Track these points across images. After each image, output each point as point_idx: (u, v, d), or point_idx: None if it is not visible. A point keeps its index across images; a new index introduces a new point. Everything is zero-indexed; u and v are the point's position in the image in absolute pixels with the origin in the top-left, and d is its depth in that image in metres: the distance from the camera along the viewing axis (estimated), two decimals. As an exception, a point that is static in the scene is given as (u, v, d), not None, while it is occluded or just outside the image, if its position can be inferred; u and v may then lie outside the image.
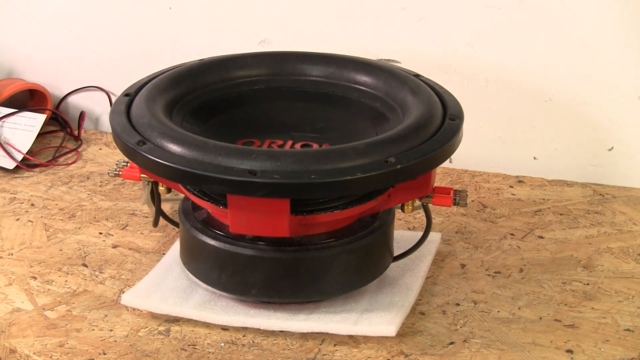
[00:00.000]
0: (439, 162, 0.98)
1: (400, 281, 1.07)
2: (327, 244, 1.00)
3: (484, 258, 1.15)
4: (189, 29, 1.46)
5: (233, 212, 0.94)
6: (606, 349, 0.98)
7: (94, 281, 1.10)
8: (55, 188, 1.32)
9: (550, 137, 1.37)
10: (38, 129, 1.43)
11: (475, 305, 1.06)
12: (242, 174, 0.91)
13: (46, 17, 1.52)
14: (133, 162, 1.00)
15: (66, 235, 1.20)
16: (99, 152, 1.44)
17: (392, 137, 0.96)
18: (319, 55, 1.15)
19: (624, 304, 1.06)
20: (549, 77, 1.34)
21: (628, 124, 1.33)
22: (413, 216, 1.23)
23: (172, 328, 1.02)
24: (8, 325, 1.02)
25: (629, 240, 1.19)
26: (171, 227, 1.20)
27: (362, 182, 0.92)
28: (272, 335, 1.00)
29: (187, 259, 1.06)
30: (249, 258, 0.99)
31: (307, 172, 0.91)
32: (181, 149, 0.94)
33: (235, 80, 1.13)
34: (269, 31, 1.42)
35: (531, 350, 0.98)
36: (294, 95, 1.13)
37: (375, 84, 1.10)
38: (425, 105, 1.03)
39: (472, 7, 1.33)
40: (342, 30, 1.40)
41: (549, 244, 1.18)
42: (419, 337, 1.00)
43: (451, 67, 1.36)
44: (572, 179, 1.35)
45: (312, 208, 0.98)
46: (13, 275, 1.11)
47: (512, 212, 1.26)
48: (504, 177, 1.36)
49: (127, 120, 1.01)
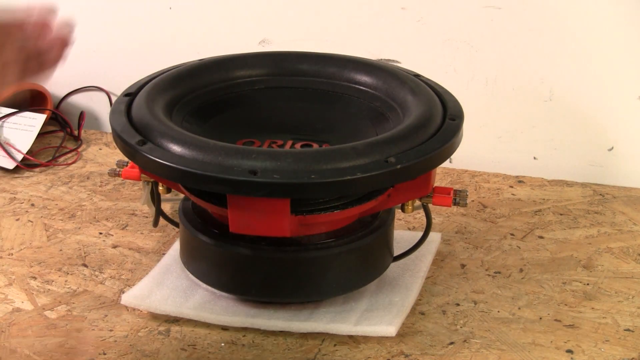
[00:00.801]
0: (439, 162, 0.98)
1: (400, 281, 1.07)
2: (327, 244, 1.00)
3: (484, 258, 1.15)
4: (189, 29, 1.46)
5: (233, 212, 0.94)
6: (606, 349, 0.98)
7: (94, 281, 1.10)
8: (55, 188, 1.32)
9: (550, 137, 1.37)
10: (38, 129, 1.43)
11: (475, 305, 1.06)
12: (242, 174, 0.91)
13: (46, 17, 1.51)
14: (133, 162, 1.00)
15: (66, 235, 1.20)
16: (99, 152, 1.44)
17: (392, 137, 0.96)
18: (319, 55, 1.15)
19: (624, 304, 1.06)
20: (549, 77, 1.34)
21: (628, 124, 1.33)
22: (413, 216, 1.23)
23: (172, 328, 1.02)
24: (8, 325, 1.02)
25: (629, 240, 1.19)
26: (171, 227, 1.19)
27: (362, 182, 0.92)
28: (272, 335, 1.00)
29: (187, 259, 1.06)
30: (249, 258, 0.99)
31: (307, 172, 0.91)
32: (181, 149, 0.94)
33: (235, 80, 1.13)
34: (269, 31, 1.43)
35: (531, 350, 0.98)
36: (294, 95, 1.13)
37: (375, 84, 1.10)
38: (425, 105, 1.03)
39: (472, 7, 1.33)
40: (342, 30, 1.40)
41: (549, 244, 1.18)
42: (419, 337, 1.00)
43: (451, 67, 1.36)
44: (572, 179, 1.35)
45: (312, 208, 0.98)
46: (13, 275, 1.11)
47: (512, 212, 1.26)
48: (504, 177, 1.36)
49: (127, 120, 1.01)
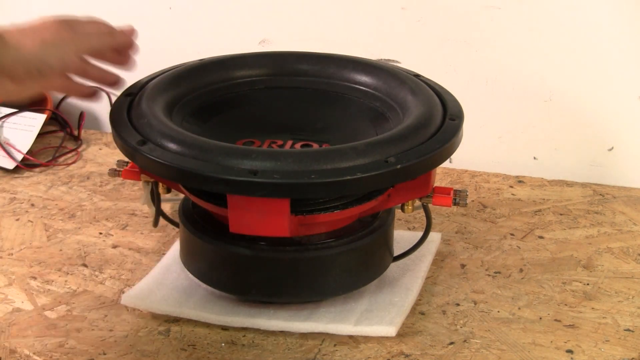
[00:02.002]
0: (439, 162, 0.98)
1: (400, 281, 1.07)
2: (327, 244, 1.00)
3: (484, 258, 1.15)
4: (189, 29, 1.46)
5: (233, 212, 0.94)
6: (606, 349, 0.98)
7: (94, 281, 1.10)
8: (55, 188, 1.32)
9: (550, 137, 1.37)
10: (38, 129, 1.43)
11: (475, 305, 1.06)
12: (242, 174, 0.91)
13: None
14: (133, 162, 1.00)
15: (66, 235, 1.20)
16: (99, 152, 1.44)
17: (392, 137, 0.96)
18: (319, 55, 1.15)
19: (624, 304, 1.06)
20: (549, 77, 1.34)
21: (628, 124, 1.33)
22: (413, 216, 1.23)
23: (172, 328, 1.02)
24: (8, 325, 1.02)
25: (629, 240, 1.19)
26: (171, 227, 1.19)
27: (362, 182, 0.92)
28: (272, 335, 1.00)
29: (187, 259, 1.06)
30: (249, 258, 0.99)
31: (307, 172, 0.91)
32: (181, 149, 0.94)
33: (235, 80, 1.13)
34: (269, 31, 1.43)
35: (531, 350, 0.98)
36: (294, 95, 1.13)
37: (375, 84, 1.10)
38: (425, 105, 1.03)
39: (472, 7, 1.33)
40: (342, 30, 1.40)
41: (549, 244, 1.18)
42: (419, 337, 1.00)
43: (451, 67, 1.36)
44: (572, 179, 1.35)
45: (312, 208, 0.98)
46: (13, 275, 1.11)
47: (512, 212, 1.26)
48: (504, 177, 1.36)
49: (127, 120, 1.01)
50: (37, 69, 0.96)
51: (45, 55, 0.96)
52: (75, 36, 0.98)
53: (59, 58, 0.97)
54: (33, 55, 0.95)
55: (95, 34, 1.00)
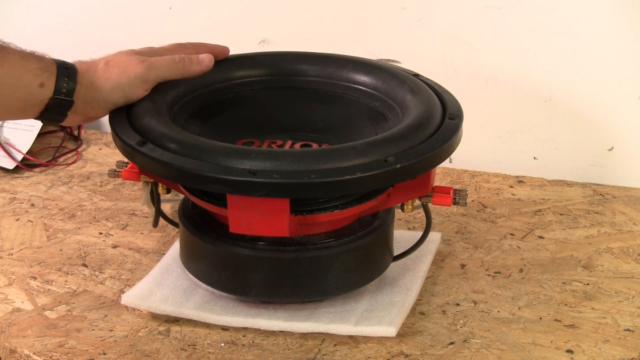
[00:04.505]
0: (439, 162, 0.98)
1: (400, 281, 1.07)
2: (327, 244, 1.00)
3: (484, 258, 1.15)
4: (189, 29, 1.46)
5: (233, 212, 0.94)
6: (606, 349, 0.98)
7: (94, 281, 1.10)
8: (55, 188, 1.33)
9: (550, 137, 1.37)
10: (38, 129, 1.43)
11: (475, 305, 1.06)
12: (242, 174, 0.91)
13: (46, 17, 1.52)
14: (133, 162, 1.00)
15: (66, 235, 1.20)
16: (99, 152, 1.44)
17: (391, 137, 0.96)
18: (318, 55, 1.15)
19: (624, 304, 1.06)
20: (549, 77, 1.34)
21: (628, 124, 1.33)
22: (413, 216, 1.23)
23: (172, 328, 1.02)
24: (8, 325, 1.02)
25: (629, 240, 1.19)
26: (171, 227, 1.20)
27: (362, 182, 0.92)
28: (272, 335, 1.00)
29: (187, 259, 1.06)
30: (249, 258, 0.99)
31: (306, 172, 0.91)
32: (181, 149, 0.94)
33: (235, 81, 1.13)
34: (269, 31, 1.43)
35: (531, 350, 0.98)
36: (293, 95, 1.13)
37: (375, 84, 1.10)
38: (425, 104, 1.03)
39: (472, 7, 1.33)
40: (342, 30, 1.40)
41: (549, 244, 1.18)
42: (419, 337, 1.00)
43: (451, 67, 1.36)
44: (572, 179, 1.35)
45: (312, 208, 0.98)
46: (13, 275, 1.11)
47: (512, 212, 1.26)
48: (504, 177, 1.36)
49: (127, 120, 1.01)
50: (102, 107, 1.02)
51: (114, 97, 1.01)
52: (145, 71, 1.02)
53: (125, 97, 1.02)
54: (105, 94, 1.01)
55: (167, 66, 1.04)
